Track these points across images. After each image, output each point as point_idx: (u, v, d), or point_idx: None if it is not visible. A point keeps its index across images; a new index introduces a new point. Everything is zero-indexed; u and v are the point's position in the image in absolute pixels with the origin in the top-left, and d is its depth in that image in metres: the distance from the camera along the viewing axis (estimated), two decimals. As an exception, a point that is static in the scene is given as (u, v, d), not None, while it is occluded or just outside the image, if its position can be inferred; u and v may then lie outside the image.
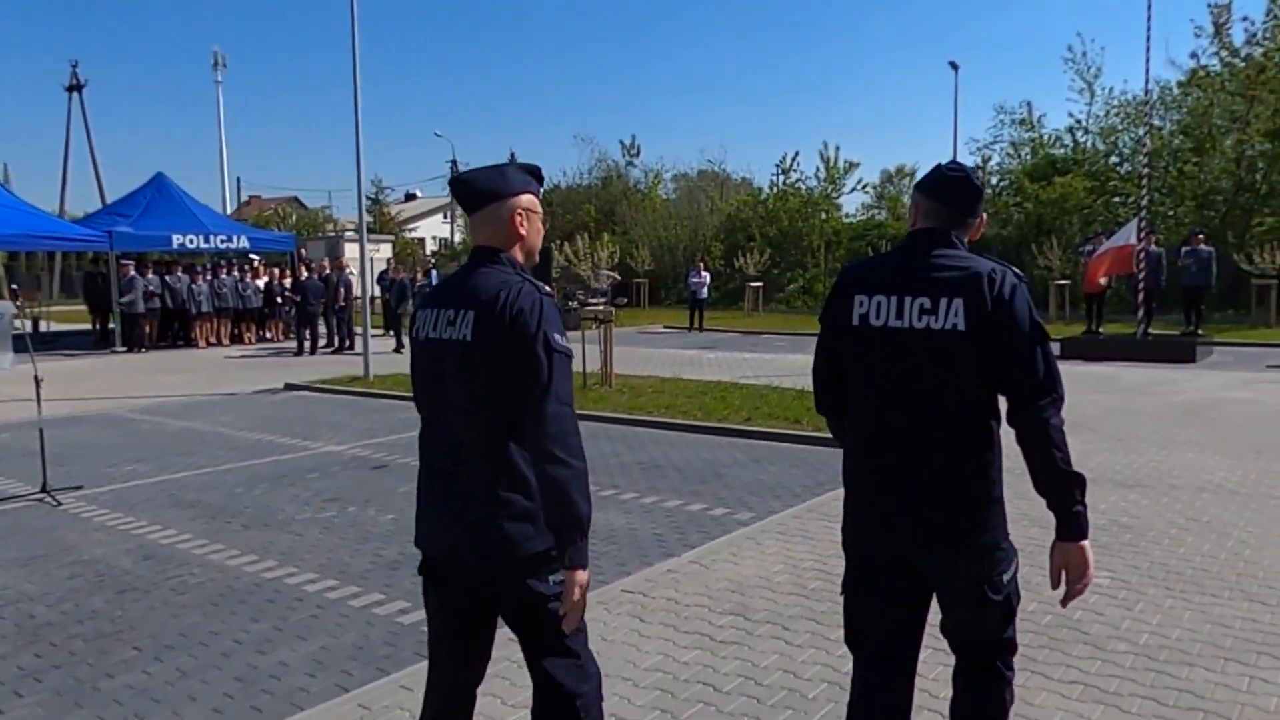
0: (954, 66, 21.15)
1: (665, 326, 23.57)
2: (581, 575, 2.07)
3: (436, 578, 2.30)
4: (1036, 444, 2.14)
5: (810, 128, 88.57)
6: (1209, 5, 24.73)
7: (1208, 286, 16.01)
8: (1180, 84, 26.22)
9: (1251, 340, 16.71)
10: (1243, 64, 24.78)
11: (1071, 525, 2.17)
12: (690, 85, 78.39)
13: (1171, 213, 24.99)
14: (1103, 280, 15.62)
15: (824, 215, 31.41)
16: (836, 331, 2.37)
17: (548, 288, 2.20)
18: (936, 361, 2.19)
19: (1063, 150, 29.12)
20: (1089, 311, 16.50)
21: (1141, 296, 15.00)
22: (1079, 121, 28.96)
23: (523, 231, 2.28)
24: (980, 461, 2.22)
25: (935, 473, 2.21)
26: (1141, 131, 15.33)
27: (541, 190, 2.37)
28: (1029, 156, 29.73)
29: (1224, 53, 24.91)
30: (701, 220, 33.91)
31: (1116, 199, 26.57)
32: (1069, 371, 2.99)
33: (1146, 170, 15.32)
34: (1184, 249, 15.94)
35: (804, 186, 32.28)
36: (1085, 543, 2.18)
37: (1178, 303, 16.85)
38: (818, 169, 32.20)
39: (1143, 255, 14.93)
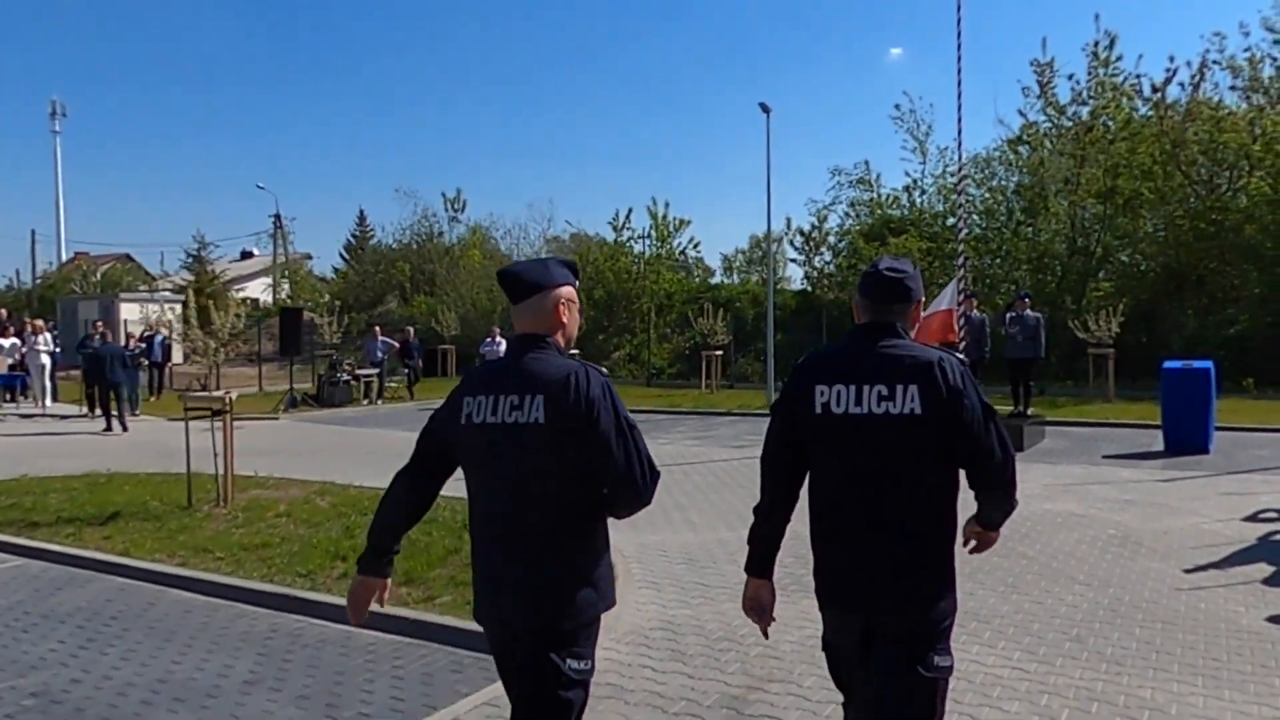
0: (765, 109, 18.90)
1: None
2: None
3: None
4: (994, 498, 2.58)
5: (650, 185, 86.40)
6: (1031, 64, 23.73)
7: (1036, 358, 13.77)
8: (1010, 142, 25.07)
9: (1089, 419, 14.69)
10: (1070, 123, 23.79)
11: (995, 524, 2.68)
12: (522, 145, 74.35)
13: (1007, 276, 23.54)
14: (921, 351, 13.28)
15: (655, 276, 28.95)
16: (799, 420, 2.56)
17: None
18: (896, 444, 2.43)
19: (899, 211, 27.66)
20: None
21: (962, 371, 12.71)
22: (915, 181, 27.66)
23: (565, 320, 2.51)
24: (942, 540, 2.49)
25: (900, 547, 2.45)
26: (954, 182, 13.09)
27: (578, 282, 2.59)
28: (867, 217, 28.20)
29: (1050, 110, 23.86)
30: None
31: (957, 262, 25.04)
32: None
33: (963, 227, 13.15)
34: (1008, 315, 13.76)
35: (636, 247, 29.94)
36: (998, 533, 2.72)
37: (1005, 375, 14.70)
38: (648, 228, 29.91)
39: (963, 321, 12.69)
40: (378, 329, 21.69)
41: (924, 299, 2.65)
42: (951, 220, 26.00)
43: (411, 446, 2.64)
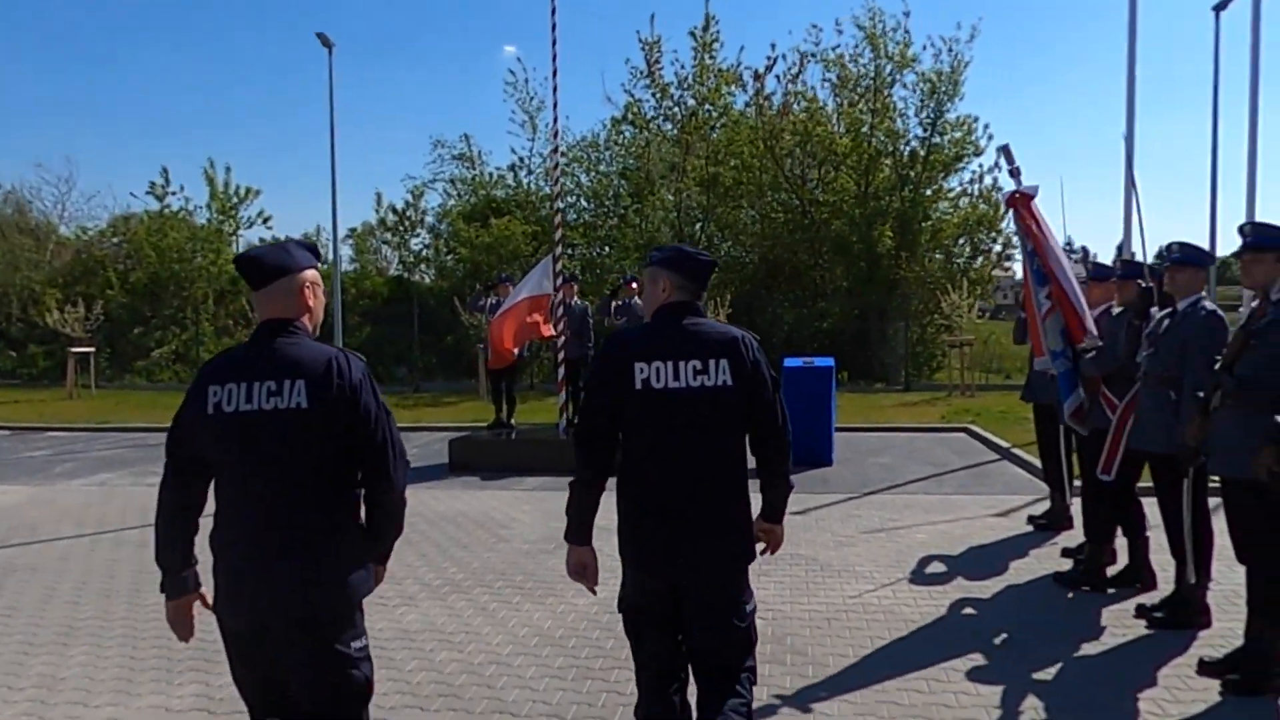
0: (325, 43, 15.16)
1: None
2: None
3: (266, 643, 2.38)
4: (776, 464, 2.82)
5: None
6: (640, 41, 22.46)
7: None
8: (615, 121, 23.68)
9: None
10: (676, 107, 22.91)
11: (779, 514, 2.90)
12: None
13: (616, 265, 22.03)
14: (514, 349, 10.57)
15: (214, 255, 23.69)
16: (618, 396, 2.70)
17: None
18: (712, 414, 2.68)
19: (505, 191, 25.20)
20: (496, 394, 11.41)
21: (562, 371, 10.21)
22: (522, 160, 25.34)
23: (311, 303, 2.49)
24: (745, 499, 2.80)
25: (715, 509, 2.73)
26: (552, 160, 10.55)
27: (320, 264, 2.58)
28: (470, 196, 25.38)
29: (655, 91, 22.78)
30: (18, 259, 23.93)
31: (570, 250, 23.11)
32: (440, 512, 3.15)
33: (559, 203, 10.66)
34: (613, 304, 11.55)
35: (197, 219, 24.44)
36: (783, 524, 2.94)
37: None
38: (206, 199, 24.52)
39: (561, 311, 10.20)
40: None
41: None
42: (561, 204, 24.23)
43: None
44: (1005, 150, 6.13)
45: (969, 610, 4.99)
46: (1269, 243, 3.82)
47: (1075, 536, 6.29)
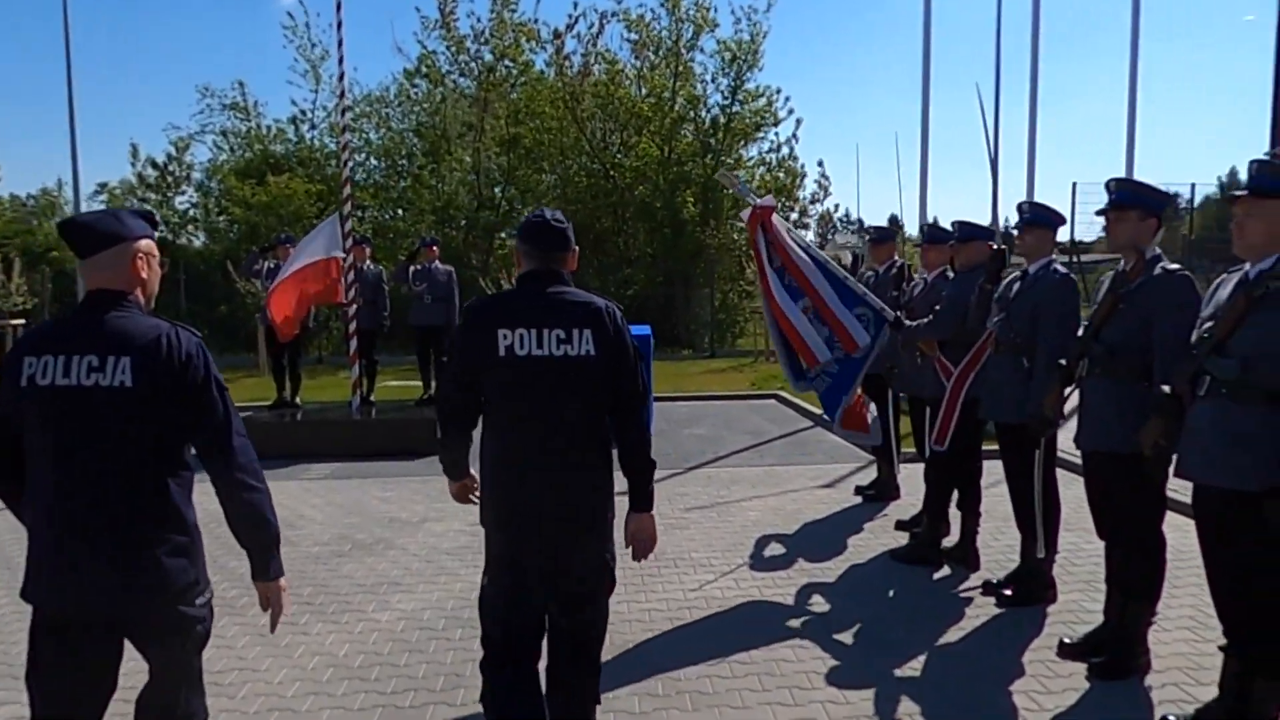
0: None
1: None
2: (282, 582, 2.39)
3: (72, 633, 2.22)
4: (633, 436, 2.76)
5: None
6: (431, -15, 21.02)
7: (450, 324, 10.62)
8: (408, 73, 22.17)
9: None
10: (473, 62, 21.70)
11: (647, 499, 2.79)
12: None
13: (411, 229, 20.65)
14: (296, 319, 9.35)
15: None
16: (481, 363, 2.65)
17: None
18: (576, 384, 2.64)
19: (284, 146, 23.04)
20: (278, 370, 10.14)
21: (354, 343, 9.17)
22: (304, 113, 23.22)
23: (144, 275, 2.35)
24: (609, 466, 2.76)
25: (574, 480, 2.69)
26: (340, 114, 9.37)
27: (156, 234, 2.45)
28: (244, 150, 23.01)
29: (451, 44, 21.47)
30: None
31: (359, 213, 21.43)
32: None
33: (347, 160, 9.56)
34: (412, 268, 10.48)
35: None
36: (653, 512, 2.82)
37: (411, 347, 11.53)
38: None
39: (352, 277, 9.12)
40: None
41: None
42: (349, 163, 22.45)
43: None
44: (727, 176, 6.56)
45: (817, 598, 4.63)
46: (1130, 199, 3.59)
47: (904, 507, 6.16)
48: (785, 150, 21.81)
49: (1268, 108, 9.92)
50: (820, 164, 29.56)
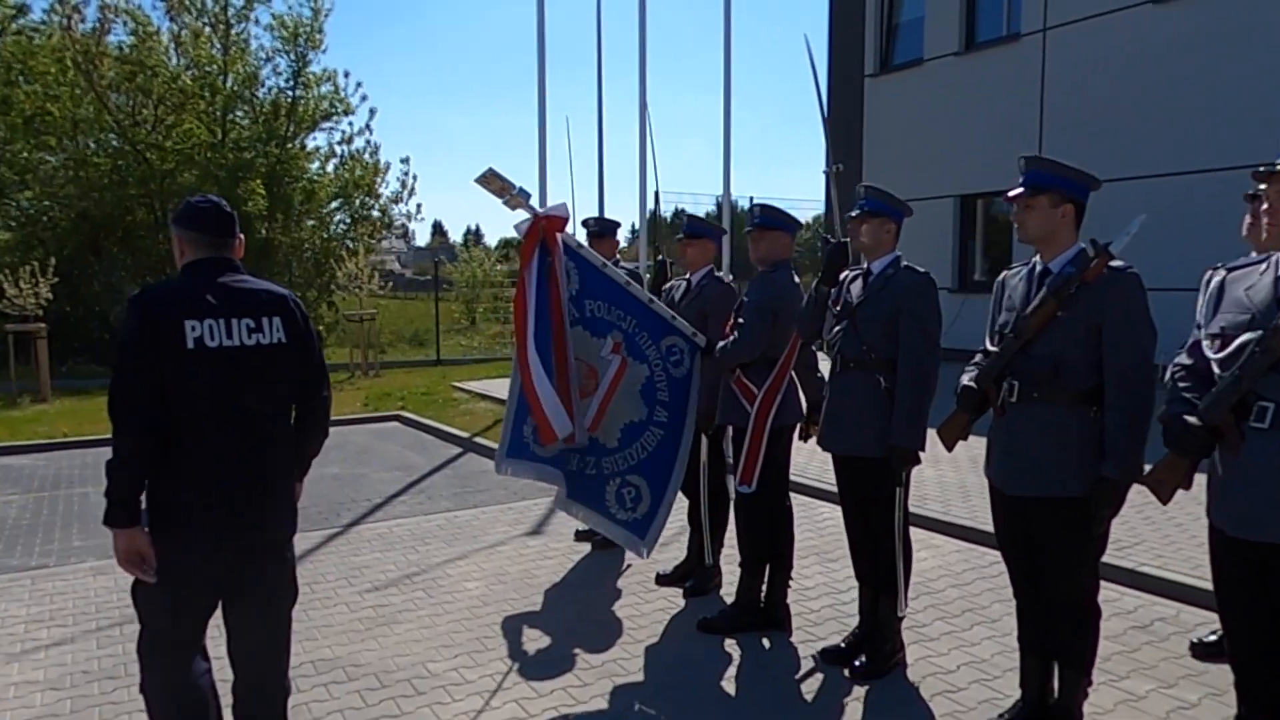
0: None
1: None
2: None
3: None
4: (320, 422, 2.76)
5: None
6: None
7: None
8: None
9: (28, 440, 9.08)
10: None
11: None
12: None
13: None
14: None
15: None
16: (164, 358, 2.41)
17: None
18: (269, 373, 2.55)
19: None
20: None
21: None
22: None
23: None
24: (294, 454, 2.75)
25: (274, 473, 2.61)
26: None
27: None
28: None
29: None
30: None
31: None
32: None
33: None
34: None
35: None
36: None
37: None
38: None
39: None
40: None
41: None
42: None
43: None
44: (492, 177, 3.87)
45: (641, 708, 3.42)
46: (1046, 182, 2.94)
47: (657, 555, 5.13)
48: (362, 142, 19.85)
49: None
50: (405, 160, 27.56)
